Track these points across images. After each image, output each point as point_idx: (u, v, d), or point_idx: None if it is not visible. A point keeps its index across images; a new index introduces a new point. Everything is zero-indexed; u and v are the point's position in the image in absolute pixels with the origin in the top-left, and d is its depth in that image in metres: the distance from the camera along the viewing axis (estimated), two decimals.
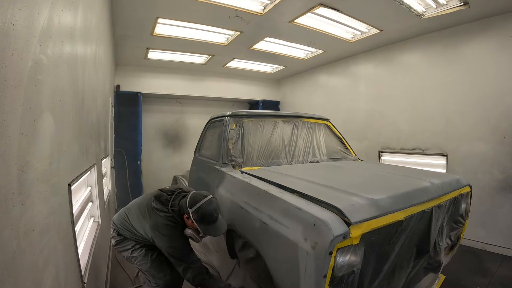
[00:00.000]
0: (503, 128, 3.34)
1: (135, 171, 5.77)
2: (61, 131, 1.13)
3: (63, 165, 1.15)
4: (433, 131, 4.04)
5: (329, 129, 3.04)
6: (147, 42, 4.54)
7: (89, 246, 1.77)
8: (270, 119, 2.68)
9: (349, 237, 1.18)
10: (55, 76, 1.04)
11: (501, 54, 3.35)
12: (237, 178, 2.03)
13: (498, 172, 3.37)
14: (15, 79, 0.69)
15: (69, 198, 1.21)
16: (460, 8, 3.22)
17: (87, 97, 1.84)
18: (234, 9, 3.33)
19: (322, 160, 2.67)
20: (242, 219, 1.77)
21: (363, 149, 4.92)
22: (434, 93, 4.05)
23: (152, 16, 3.54)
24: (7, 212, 0.65)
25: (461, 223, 2.03)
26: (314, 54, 5.25)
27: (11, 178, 0.68)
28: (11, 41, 0.67)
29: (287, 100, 7.51)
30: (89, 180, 2.16)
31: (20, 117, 0.72)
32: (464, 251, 3.25)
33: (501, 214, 3.33)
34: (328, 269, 1.15)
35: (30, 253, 0.76)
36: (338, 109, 5.63)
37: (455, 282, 2.61)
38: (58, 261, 1.01)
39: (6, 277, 0.63)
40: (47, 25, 0.93)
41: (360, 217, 1.25)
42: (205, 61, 5.67)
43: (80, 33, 1.56)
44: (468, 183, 2.07)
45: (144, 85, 6.00)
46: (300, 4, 3.24)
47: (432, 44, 4.07)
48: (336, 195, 1.45)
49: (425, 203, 1.57)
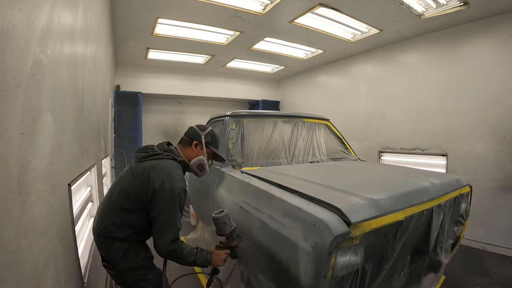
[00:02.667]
0: (503, 128, 3.34)
1: None
2: (61, 131, 1.13)
3: (63, 165, 1.15)
4: (433, 131, 4.04)
5: (329, 129, 3.04)
6: (147, 42, 4.54)
7: (89, 246, 1.77)
8: (270, 119, 2.68)
9: (349, 237, 1.18)
10: (55, 76, 1.04)
11: (501, 54, 3.35)
12: (237, 178, 2.03)
13: (498, 172, 3.37)
14: (15, 79, 0.69)
15: (69, 198, 1.21)
16: (460, 8, 3.22)
17: (87, 97, 1.84)
18: (234, 9, 3.33)
19: (322, 160, 2.67)
20: (242, 219, 1.77)
21: (363, 149, 4.92)
22: (434, 93, 4.05)
23: (152, 16, 3.54)
24: (7, 212, 0.65)
25: (461, 223, 2.03)
26: (314, 54, 5.25)
27: (11, 178, 0.68)
28: (11, 41, 0.67)
29: (287, 100, 7.52)
30: (89, 180, 2.16)
31: (20, 117, 0.72)
32: (464, 251, 3.25)
33: (501, 214, 3.33)
34: (328, 269, 1.15)
35: (30, 253, 0.76)
36: (338, 109, 5.63)
37: (455, 282, 2.61)
38: (58, 261, 1.01)
39: (6, 277, 0.63)
40: (47, 25, 0.93)
41: (360, 217, 1.25)
42: (205, 61, 5.67)
43: (80, 33, 1.56)
44: (468, 183, 2.07)
45: (144, 85, 6.01)
46: (300, 4, 3.24)
47: (432, 44, 4.07)
48: (336, 195, 1.45)
49: (425, 203, 1.57)
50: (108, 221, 1.36)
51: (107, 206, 1.40)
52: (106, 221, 1.37)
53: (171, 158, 1.48)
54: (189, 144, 1.61)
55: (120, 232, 1.36)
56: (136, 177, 1.38)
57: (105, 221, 1.37)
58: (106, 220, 1.37)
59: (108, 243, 1.37)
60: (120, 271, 1.39)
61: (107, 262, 1.40)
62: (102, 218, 1.39)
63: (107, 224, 1.36)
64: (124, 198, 1.36)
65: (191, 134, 1.63)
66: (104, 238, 1.37)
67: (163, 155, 1.46)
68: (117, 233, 1.35)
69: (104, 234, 1.36)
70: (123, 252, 1.37)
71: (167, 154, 1.48)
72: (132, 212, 1.36)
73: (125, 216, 1.36)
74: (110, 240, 1.36)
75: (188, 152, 1.60)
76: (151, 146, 1.53)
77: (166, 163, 1.42)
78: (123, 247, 1.37)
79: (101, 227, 1.37)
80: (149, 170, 1.37)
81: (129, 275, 1.40)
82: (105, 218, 1.38)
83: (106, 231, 1.36)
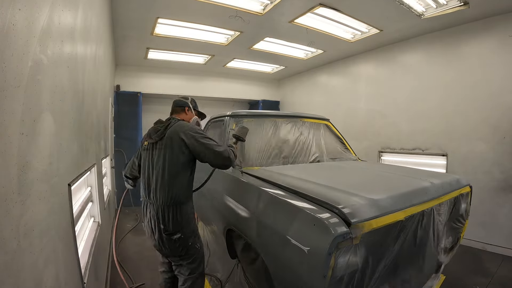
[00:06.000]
0: (503, 128, 3.34)
1: None
2: (61, 131, 1.13)
3: (63, 165, 1.15)
4: (433, 131, 4.04)
5: (329, 129, 3.04)
6: (147, 42, 4.54)
7: (89, 246, 1.77)
8: (270, 119, 2.68)
9: (349, 237, 1.18)
10: (55, 76, 1.04)
11: (501, 54, 3.35)
12: (237, 178, 2.03)
13: (498, 172, 3.37)
14: (15, 79, 0.69)
15: (69, 198, 1.21)
16: (460, 8, 3.22)
17: (87, 97, 1.84)
18: (234, 9, 3.33)
19: (322, 160, 2.67)
20: (242, 219, 1.77)
21: (363, 149, 4.92)
22: (434, 93, 4.05)
23: (152, 16, 3.54)
24: (7, 212, 0.65)
25: (461, 223, 2.03)
26: (314, 54, 5.25)
27: (11, 178, 0.68)
28: (11, 41, 0.67)
29: (287, 100, 7.51)
30: (89, 180, 2.16)
31: (20, 117, 0.72)
32: (464, 251, 3.25)
33: (501, 214, 3.33)
34: (328, 269, 1.15)
35: (30, 253, 0.76)
36: (338, 109, 5.63)
37: (455, 282, 2.61)
38: (58, 261, 1.01)
39: (6, 277, 0.63)
40: (47, 25, 0.93)
41: (360, 217, 1.25)
42: (205, 61, 5.67)
43: (80, 33, 1.56)
44: (468, 183, 2.07)
45: (144, 85, 6.00)
46: (300, 4, 3.24)
47: (432, 44, 4.07)
48: (336, 195, 1.45)
49: (425, 203, 1.57)
50: (173, 191, 1.67)
51: (163, 180, 1.68)
52: (170, 192, 1.67)
53: (178, 121, 1.81)
54: (182, 111, 1.99)
55: (181, 196, 1.70)
56: (168, 146, 1.69)
57: (170, 192, 1.67)
58: (170, 191, 1.67)
59: (175, 211, 1.68)
60: (184, 234, 1.70)
61: (169, 232, 1.68)
62: (164, 190, 1.67)
63: (174, 193, 1.67)
64: (172, 167, 1.68)
65: (181, 104, 2.00)
66: (171, 207, 1.67)
67: (172, 122, 1.79)
68: (181, 197, 1.69)
69: (173, 203, 1.67)
70: (187, 216, 1.73)
71: (175, 120, 1.81)
72: (182, 173, 1.70)
73: (180, 180, 1.70)
74: (178, 207, 1.69)
75: (183, 116, 1.97)
76: (157, 126, 1.82)
77: (179, 123, 1.77)
78: (185, 211, 1.72)
79: (169, 198, 1.67)
80: (173, 135, 1.70)
81: (190, 238, 1.74)
82: (168, 190, 1.67)
83: (176, 200, 1.68)
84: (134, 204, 5.42)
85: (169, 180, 1.68)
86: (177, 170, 1.69)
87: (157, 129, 1.78)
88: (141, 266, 3.03)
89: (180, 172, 1.70)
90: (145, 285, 2.60)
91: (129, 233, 4.14)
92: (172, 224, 1.68)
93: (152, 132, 1.80)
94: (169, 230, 1.68)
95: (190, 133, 1.69)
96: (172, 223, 1.68)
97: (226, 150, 1.72)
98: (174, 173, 1.68)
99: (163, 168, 1.69)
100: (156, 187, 1.69)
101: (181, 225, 1.70)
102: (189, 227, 1.74)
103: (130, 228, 4.33)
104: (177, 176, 1.69)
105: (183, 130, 1.71)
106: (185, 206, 1.73)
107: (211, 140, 1.72)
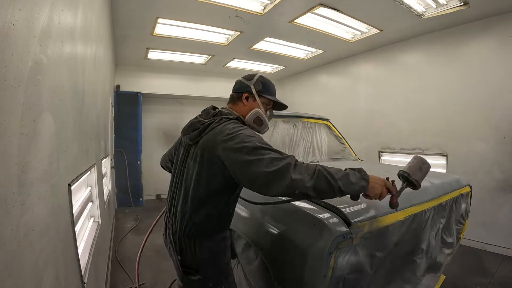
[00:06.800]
0: (503, 128, 3.34)
1: (135, 171, 5.77)
2: (61, 131, 1.13)
3: (63, 165, 1.15)
4: (433, 131, 4.04)
5: (329, 129, 3.04)
6: (147, 42, 4.54)
7: (89, 246, 1.77)
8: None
9: (349, 237, 1.18)
10: (55, 76, 1.04)
11: (501, 54, 3.35)
12: None
13: (498, 172, 3.37)
14: (15, 79, 0.69)
15: (69, 198, 1.21)
16: (460, 8, 3.22)
17: (87, 97, 1.83)
18: (234, 9, 3.33)
19: (322, 160, 2.67)
20: (242, 219, 1.77)
21: (363, 149, 4.92)
22: (434, 93, 4.05)
23: (152, 16, 3.54)
24: (7, 212, 0.64)
25: (461, 223, 2.03)
26: (314, 54, 5.25)
27: (11, 178, 0.67)
28: (11, 41, 0.67)
29: (287, 100, 7.45)
30: (89, 180, 2.16)
31: (20, 117, 0.72)
32: (464, 251, 3.25)
33: (501, 214, 3.33)
34: (328, 269, 1.15)
35: (30, 253, 0.76)
36: (338, 109, 5.63)
37: (455, 282, 2.61)
38: (58, 261, 1.01)
39: (6, 277, 0.63)
40: (47, 25, 0.93)
41: (360, 217, 1.25)
42: (205, 61, 5.67)
43: (80, 33, 1.56)
44: (468, 183, 2.07)
45: (144, 85, 6.01)
46: (300, 4, 3.24)
47: (432, 44, 4.07)
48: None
49: (425, 203, 1.57)
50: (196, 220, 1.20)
51: (185, 204, 1.22)
52: (191, 220, 1.20)
53: (224, 121, 1.20)
54: (239, 100, 1.35)
55: (207, 228, 1.22)
56: (199, 161, 1.18)
57: (191, 220, 1.20)
58: (192, 219, 1.20)
59: (194, 244, 1.21)
60: (205, 275, 1.22)
61: (186, 267, 1.24)
62: (184, 215, 1.22)
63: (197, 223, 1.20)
64: (198, 191, 1.19)
65: (238, 88, 1.36)
66: (191, 239, 1.21)
67: (215, 121, 1.21)
68: (205, 228, 1.22)
69: (193, 234, 1.21)
70: (211, 253, 1.22)
71: (219, 119, 1.21)
72: (213, 202, 1.20)
73: (207, 211, 1.20)
74: (198, 241, 1.21)
75: (240, 108, 1.35)
76: (197, 121, 1.29)
77: (221, 127, 1.17)
78: (208, 246, 1.22)
79: (188, 227, 1.20)
80: (208, 146, 1.17)
81: (211, 281, 1.23)
82: (189, 217, 1.21)
83: (199, 230, 1.21)
84: (134, 204, 5.44)
85: (192, 207, 1.20)
86: (204, 200, 1.19)
87: (196, 126, 1.26)
88: (141, 266, 3.02)
89: (208, 202, 1.20)
90: (145, 285, 2.60)
91: (129, 233, 4.14)
92: (190, 258, 1.23)
93: (189, 129, 1.29)
94: (186, 265, 1.25)
95: (231, 144, 1.08)
96: (190, 257, 1.23)
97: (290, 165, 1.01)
98: (199, 201, 1.20)
99: (190, 187, 1.21)
100: (178, 204, 1.26)
101: (199, 262, 1.23)
102: (212, 267, 1.24)
103: (130, 228, 4.33)
104: (203, 205, 1.20)
105: (221, 140, 1.11)
106: (209, 241, 1.24)
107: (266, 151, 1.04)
